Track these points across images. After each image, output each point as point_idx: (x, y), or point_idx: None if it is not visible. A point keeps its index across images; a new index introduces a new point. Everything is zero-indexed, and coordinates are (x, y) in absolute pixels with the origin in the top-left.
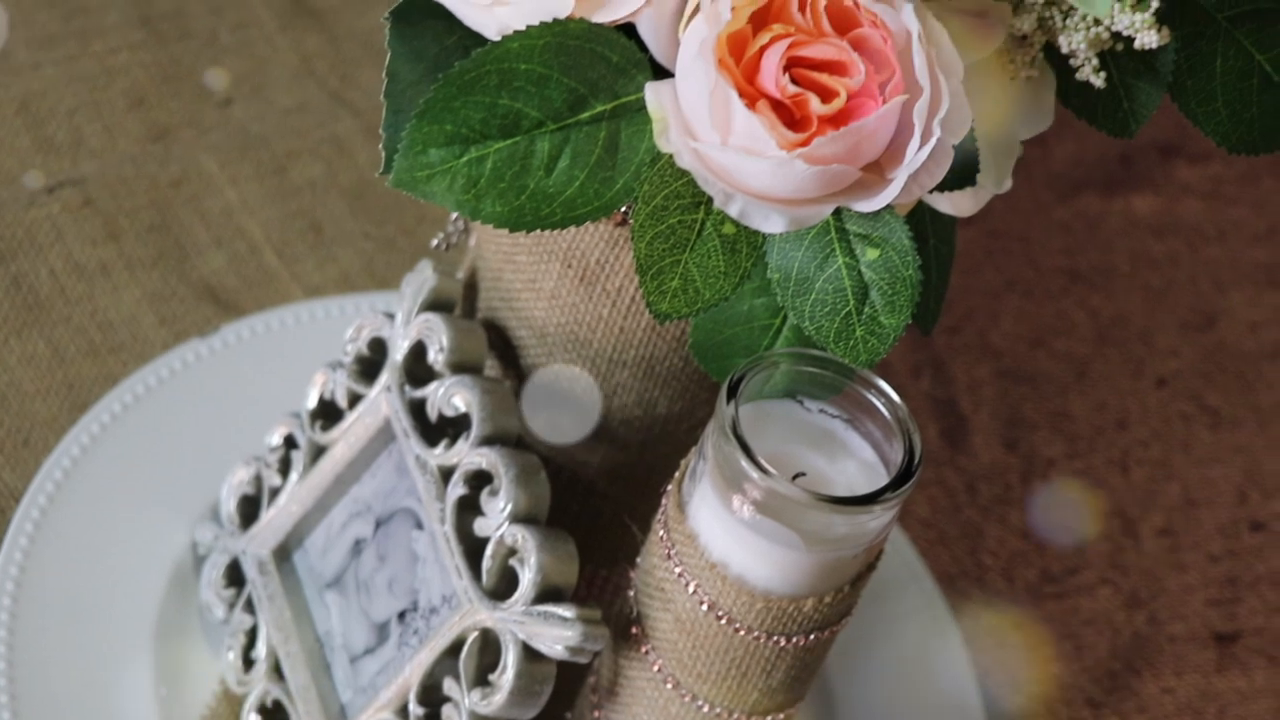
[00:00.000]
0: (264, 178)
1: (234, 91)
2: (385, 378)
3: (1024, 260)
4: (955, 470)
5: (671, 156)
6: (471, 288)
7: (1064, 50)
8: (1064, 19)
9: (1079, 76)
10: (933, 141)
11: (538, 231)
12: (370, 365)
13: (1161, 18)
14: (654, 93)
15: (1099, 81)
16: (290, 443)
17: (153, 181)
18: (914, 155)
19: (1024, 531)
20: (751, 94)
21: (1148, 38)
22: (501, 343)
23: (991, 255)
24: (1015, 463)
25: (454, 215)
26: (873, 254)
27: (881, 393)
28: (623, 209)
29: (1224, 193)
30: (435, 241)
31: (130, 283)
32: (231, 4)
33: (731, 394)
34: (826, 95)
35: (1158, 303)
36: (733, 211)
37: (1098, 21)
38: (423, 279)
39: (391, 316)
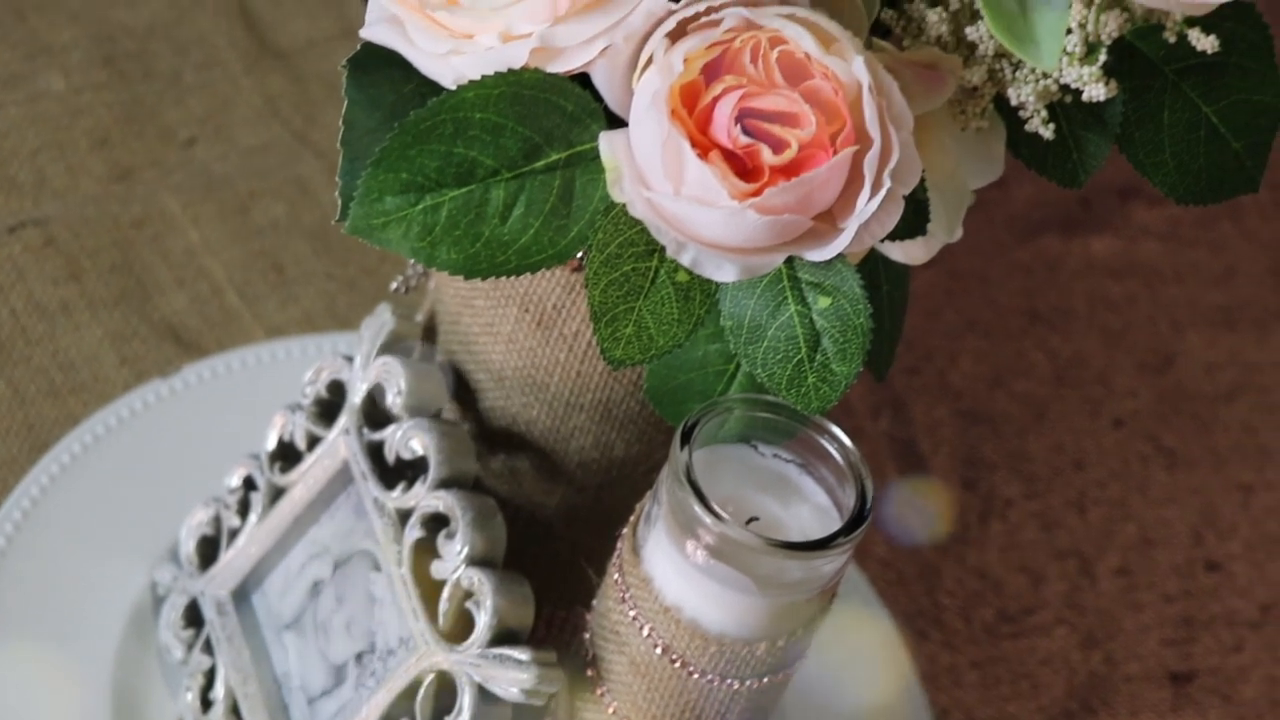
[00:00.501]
0: (226, 218)
1: (197, 132)
2: (344, 420)
3: (983, 301)
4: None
5: (625, 205)
6: (430, 331)
7: (1013, 102)
8: (1013, 71)
9: (1028, 128)
10: (883, 192)
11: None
12: (329, 408)
13: (1109, 70)
14: (608, 142)
15: (1048, 133)
16: (249, 484)
17: (115, 221)
18: (865, 205)
19: (981, 571)
20: (704, 144)
21: (1095, 90)
22: (460, 385)
23: (951, 296)
24: (974, 502)
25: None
26: (825, 302)
27: (834, 438)
28: (579, 255)
29: (1182, 235)
30: (394, 285)
31: (92, 323)
32: (196, 44)
33: (685, 439)
34: (778, 146)
35: (1116, 344)
36: (685, 260)
37: (1046, 74)
38: (381, 322)
39: (350, 359)
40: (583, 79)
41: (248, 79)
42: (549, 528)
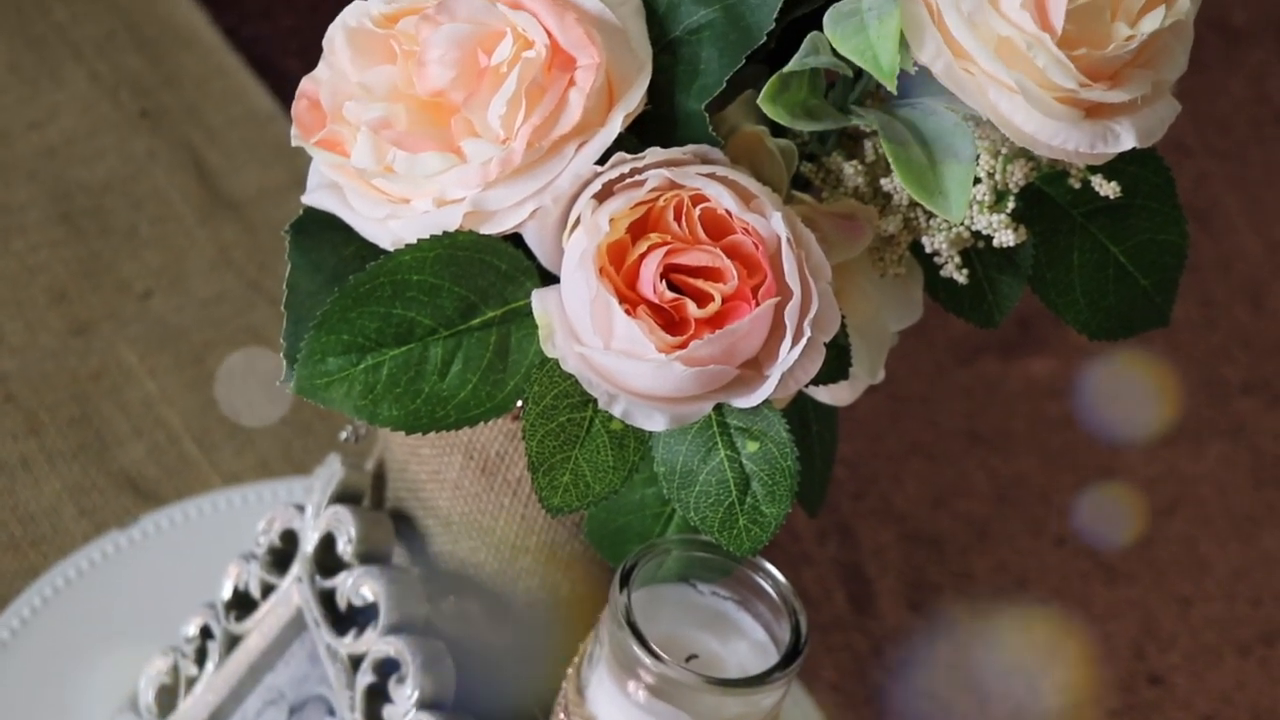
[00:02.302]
0: (183, 368)
1: (154, 284)
2: (296, 569)
3: (926, 423)
4: (862, 634)
5: (558, 359)
6: (379, 478)
7: (928, 249)
8: (927, 219)
9: (943, 273)
10: (804, 340)
11: None
12: (282, 556)
13: (1019, 214)
14: (540, 300)
15: (962, 278)
16: (206, 633)
17: (73, 375)
18: (787, 354)
19: (930, 692)
20: (632, 299)
21: (1005, 236)
22: (409, 531)
23: (894, 419)
24: (920, 624)
25: None
26: (753, 446)
27: (768, 574)
28: (517, 406)
29: (1116, 352)
30: (344, 434)
31: (51, 475)
32: (151, 198)
33: (624, 582)
34: (702, 300)
35: (1055, 462)
36: (617, 411)
37: (958, 222)
38: (331, 472)
39: (302, 508)
40: (515, 238)
41: (202, 230)
42: (499, 669)
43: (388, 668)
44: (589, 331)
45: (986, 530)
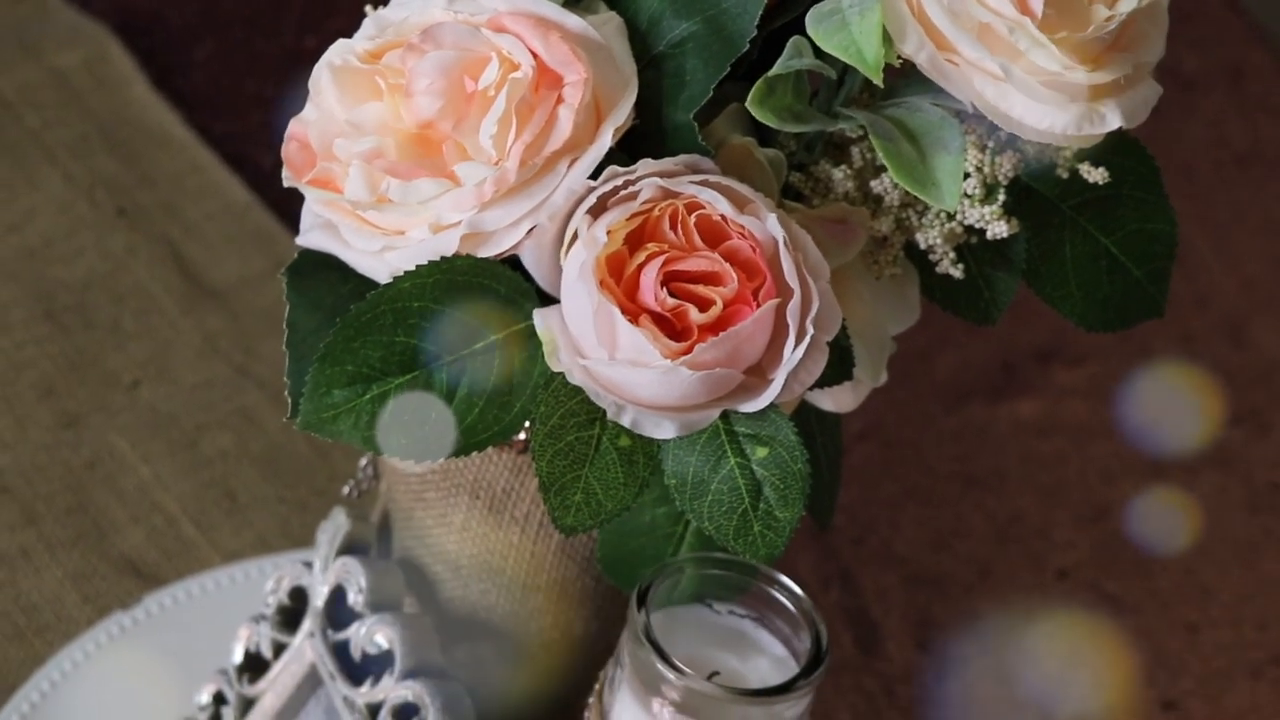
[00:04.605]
0: (176, 453)
1: (141, 375)
2: (308, 624)
3: (919, 469)
4: (872, 675)
5: (564, 376)
6: (385, 529)
7: (922, 245)
8: (919, 217)
9: (939, 270)
10: (807, 339)
11: (445, 466)
12: (292, 614)
13: (1009, 209)
14: (542, 318)
15: (958, 273)
16: (219, 699)
17: (67, 466)
18: (791, 354)
19: None
20: (633, 309)
21: (998, 228)
22: (418, 579)
23: (888, 466)
24: (929, 663)
25: (363, 462)
26: (762, 452)
27: (785, 588)
28: (523, 435)
29: (1102, 390)
30: (346, 489)
31: (51, 564)
32: (132, 292)
33: (641, 601)
34: (703, 305)
35: (1051, 499)
36: (625, 422)
37: (951, 216)
38: (337, 525)
39: (310, 565)
40: (512, 262)
41: (186, 320)
42: (516, 712)
43: (407, 713)
44: (593, 344)
45: (988, 569)
